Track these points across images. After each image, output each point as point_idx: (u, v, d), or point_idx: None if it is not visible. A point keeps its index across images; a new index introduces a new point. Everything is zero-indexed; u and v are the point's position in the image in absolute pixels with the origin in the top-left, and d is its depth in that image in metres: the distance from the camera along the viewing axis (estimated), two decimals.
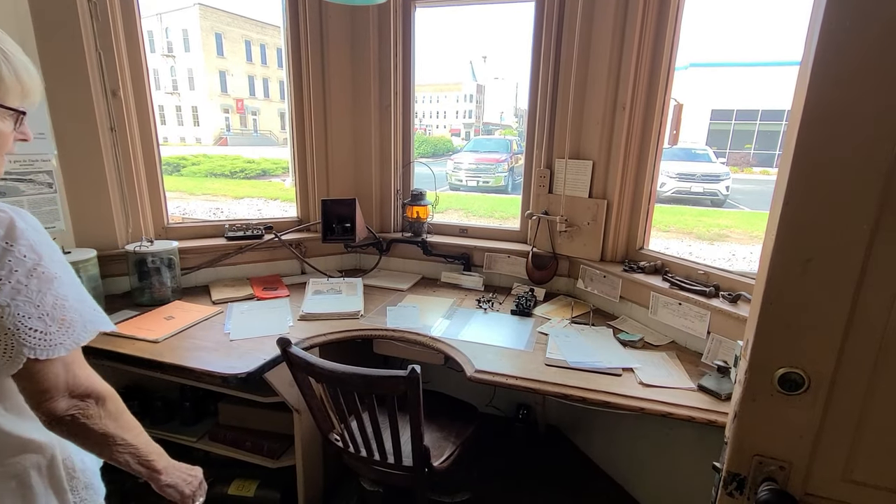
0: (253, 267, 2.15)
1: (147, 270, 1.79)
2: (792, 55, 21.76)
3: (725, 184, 11.15)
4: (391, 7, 2.06)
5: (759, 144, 18.97)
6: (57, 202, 1.69)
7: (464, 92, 42.60)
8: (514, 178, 12.45)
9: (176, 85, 29.51)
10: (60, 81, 1.65)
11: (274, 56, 31.59)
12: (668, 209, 10.26)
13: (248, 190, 12.00)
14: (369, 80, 2.15)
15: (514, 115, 43.96)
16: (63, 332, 0.69)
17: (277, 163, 15.67)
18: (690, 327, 1.56)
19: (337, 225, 2.07)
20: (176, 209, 9.49)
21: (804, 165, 0.65)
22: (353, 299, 1.89)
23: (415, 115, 2.33)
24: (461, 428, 1.54)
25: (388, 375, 1.06)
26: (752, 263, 6.71)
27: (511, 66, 58.05)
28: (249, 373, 1.34)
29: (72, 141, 1.71)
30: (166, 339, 1.52)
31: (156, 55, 28.84)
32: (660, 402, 1.25)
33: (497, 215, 9.63)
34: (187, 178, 14.02)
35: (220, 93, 29.99)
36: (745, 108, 18.38)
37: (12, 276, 0.66)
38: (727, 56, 20.66)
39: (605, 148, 1.85)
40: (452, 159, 13.07)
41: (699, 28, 11.40)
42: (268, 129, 32.73)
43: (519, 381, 1.35)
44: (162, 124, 29.88)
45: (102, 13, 1.67)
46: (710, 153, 12.33)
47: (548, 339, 1.62)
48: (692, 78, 17.83)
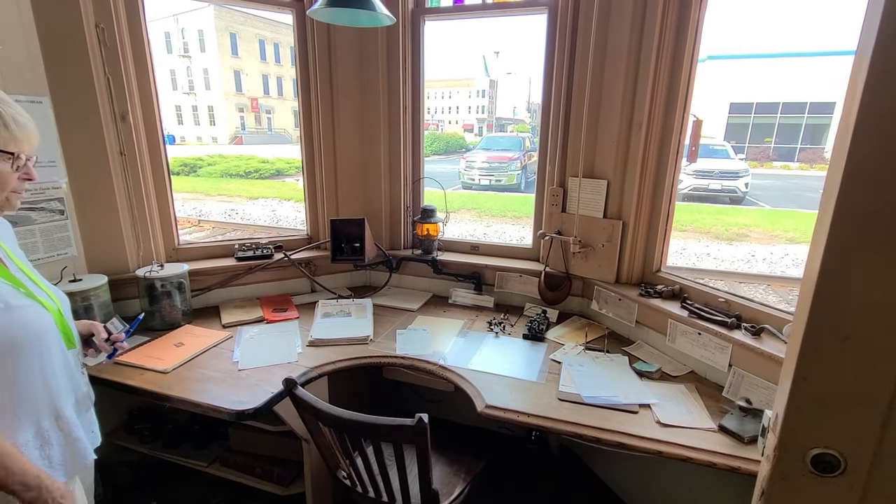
0: (263, 286, 2.14)
1: (157, 295, 1.79)
2: (816, 45, 21.07)
3: (744, 180, 10.87)
4: (400, 21, 2.02)
5: (780, 138, 18.47)
6: (68, 228, 1.70)
7: (476, 87, 42.31)
8: (527, 176, 12.33)
9: (192, 85, 29.91)
10: (70, 107, 1.65)
11: (287, 54, 31.75)
12: (684, 207, 10.04)
13: (262, 190, 12.11)
14: (378, 96, 2.12)
15: (526, 109, 43.54)
16: None
17: (291, 162, 15.78)
18: (711, 359, 1.50)
19: (346, 245, 2.05)
20: (192, 210, 9.63)
21: (844, 235, 0.60)
22: (362, 322, 1.86)
23: (424, 126, 2.28)
24: (471, 462, 1.51)
25: (394, 425, 1.03)
26: (772, 265, 6.52)
27: (524, 60, 57.34)
28: (257, 408, 1.32)
29: (82, 167, 1.71)
30: (175, 368, 1.52)
31: (172, 56, 29.25)
32: (678, 444, 1.20)
33: (510, 215, 9.54)
34: (204, 178, 14.21)
35: (235, 92, 30.32)
36: (766, 101, 17.90)
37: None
38: (747, 47, 20.07)
39: (621, 167, 1.79)
40: (465, 157, 13.00)
41: (717, 19, 11.13)
42: (282, 128, 33.02)
43: (531, 419, 1.31)
44: (179, 124, 30.39)
45: (110, 38, 1.67)
46: (729, 149, 12.04)
47: (561, 368, 1.57)
48: (710, 71, 17.40)
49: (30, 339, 0.91)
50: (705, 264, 6.38)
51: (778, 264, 6.55)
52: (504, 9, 1.99)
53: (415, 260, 2.22)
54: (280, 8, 2.02)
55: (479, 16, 2.09)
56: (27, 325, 0.91)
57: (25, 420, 0.91)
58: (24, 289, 0.94)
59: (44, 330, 0.94)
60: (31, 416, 0.92)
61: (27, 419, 0.91)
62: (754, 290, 5.44)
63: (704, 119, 6.14)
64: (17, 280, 0.94)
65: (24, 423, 0.91)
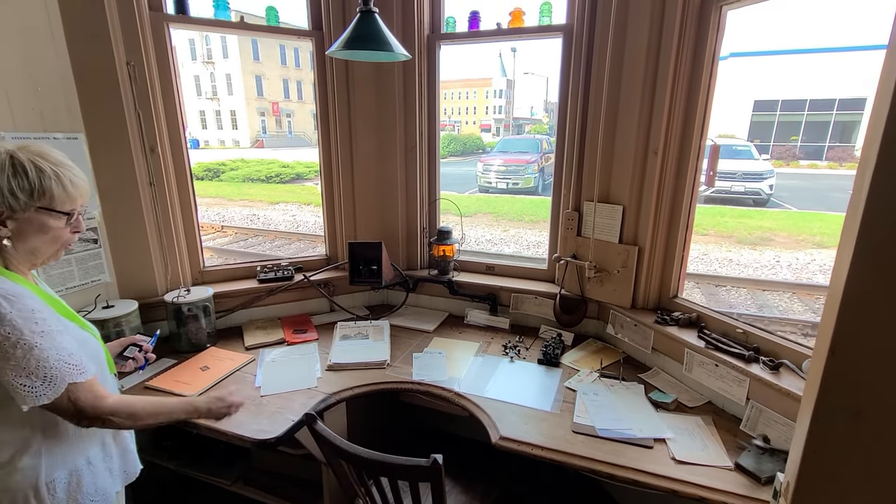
0: (284, 307, 2.20)
1: (184, 318, 1.86)
2: (846, 40, 20.34)
3: (769, 182, 10.58)
4: (416, 48, 2.06)
5: (807, 136, 17.91)
6: (102, 256, 1.79)
7: (493, 87, 42.19)
8: (544, 179, 12.26)
9: (215, 90, 30.63)
10: (103, 141, 1.73)
11: (307, 58, 32.18)
12: (706, 210, 9.84)
13: (282, 195, 12.35)
14: (395, 120, 2.16)
15: (544, 109, 43.19)
16: (47, 385, 0.88)
17: (310, 166, 16.04)
18: (728, 391, 1.49)
19: (364, 267, 2.10)
20: (216, 216, 9.89)
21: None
22: (379, 346, 1.90)
23: (440, 129, 2.32)
24: (488, 487, 1.53)
25: (409, 465, 1.06)
26: (797, 271, 6.34)
27: (542, 58, 56.86)
28: (278, 437, 1.38)
29: (114, 197, 1.80)
30: (201, 394, 1.58)
31: (197, 62, 29.98)
32: (693, 483, 1.20)
33: (527, 218, 9.51)
34: (226, 183, 14.57)
35: (257, 96, 30.91)
36: (792, 98, 17.37)
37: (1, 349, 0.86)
38: (772, 44, 19.49)
39: (637, 193, 1.78)
40: (482, 160, 13.00)
41: (740, 16, 10.86)
42: (301, 131, 33.53)
43: (545, 452, 1.32)
44: (203, 129, 31.13)
45: (140, 75, 1.74)
46: (753, 149, 11.71)
47: (576, 396, 1.58)
48: (733, 68, 16.98)
49: (98, 368, 1.04)
50: (727, 270, 6.26)
51: (804, 270, 6.37)
52: (519, 33, 2.01)
53: (431, 281, 2.25)
54: (300, 37, 2.08)
55: (494, 40, 2.11)
56: (96, 355, 1.05)
57: (95, 437, 1.06)
58: (78, 321, 1.05)
59: (102, 358, 1.08)
60: (98, 433, 1.07)
61: (96, 437, 1.06)
62: (779, 297, 5.31)
63: (726, 117, 5.97)
64: (69, 311, 1.05)
65: (94, 440, 1.06)
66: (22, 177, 0.89)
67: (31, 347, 0.87)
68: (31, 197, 0.90)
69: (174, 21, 1.82)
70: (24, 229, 0.93)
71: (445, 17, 2.11)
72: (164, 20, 1.80)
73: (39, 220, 0.93)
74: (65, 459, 0.98)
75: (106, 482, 1.06)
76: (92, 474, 1.03)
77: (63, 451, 0.98)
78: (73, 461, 0.99)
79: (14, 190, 0.89)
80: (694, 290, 5.47)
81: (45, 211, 0.93)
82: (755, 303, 5.15)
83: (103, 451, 1.08)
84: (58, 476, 0.97)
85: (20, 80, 1.50)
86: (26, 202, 0.90)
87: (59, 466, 0.97)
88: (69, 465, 0.99)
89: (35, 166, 0.91)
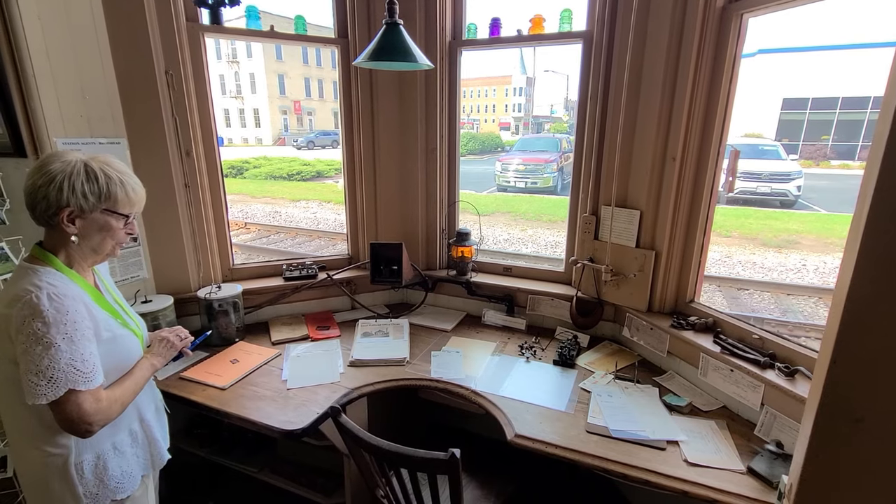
0: (307, 304, 2.29)
1: (215, 313, 1.96)
2: (880, 36, 19.56)
3: (797, 183, 10.28)
4: (438, 54, 2.11)
5: (838, 135, 17.30)
6: (141, 254, 1.90)
7: (513, 85, 41.93)
8: (563, 178, 12.18)
9: (239, 89, 31.28)
10: (142, 146, 1.84)
11: (328, 57, 32.58)
12: (729, 211, 9.63)
13: (304, 192, 12.58)
14: (416, 124, 2.22)
15: (564, 107, 42.73)
16: (49, 386, 0.93)
17: (331, 164, 16.29)
18: (743, 396, 1.50)
19: (384, 267, 2.17)
20: (239, 213, 10.15)
21: None
22: (399, 343, 1.97)
23: (460, 131, 2.36)
24: (502, 485, 1.59)
25: (428, 458, 1.12)
26: (825, 275, 6.18)
27: (562, 55, 56.41)
28: (304, 429, 1.45)
29: (153, 198, 1.86)
30: (231, 385, 1.67)
31: (221, 62, 30.65)
32: (705, 485, 1.23)
33: (545, 218, 9.49)
34: (249, 180, 14.91)
35: (279, 95, 31.45)
36: (823, 96, 16.80)
37: (25, 341, 0.93)
38: (802, 40, 18.90)
39: (654, 198, 1.80)
40: (501, 160, 12.98)
41: (768, 14, 10.43)
42: (322, 129, 33.94)
43: (559, 451, 1.37)
44: (227, 127, 31.83)
45: (178, 83, 1.84)
46: (780, 149, 11.39)
47: (590, 397, 1.62)
48: (760, 66, 16.51)
49: (130, 363, 1.14)
50: (750, 273, 6.13)
51: (832, 275, 6.20)
52: (539, 40, 2.04)
53: (449, 281, 2.31)
54: (327, 45, 2.15)
55: (514, 46, 2.15)
56: (129, 351, 1.15)
57: (123, 424, 1.15)
58: (119, 319, 1.14)
59: (136, 354, 1.17)
60: (126, 420, 1.16)
61: (124, 423, 1.15)
62: (804, 302, 5.19)
63: (753, 116, 5.83)
64: (114, 310, 1.15)
65: (122, 426, 1.15)
66: (93, 182, 1.02)
67: (50, 347, 0.93)
68: (99, 199, 1.03)
69: (209, 31, 1.91)
70: (89, 227, 1.05)
71: (467, 24, 2.15)
72: (200, 30, 1.89)
73: (103, 219, 1.05)
74: (92, 444, 1.07)
75: (132, 466, 1.15)
76: (118, 458, 1.12)
77: (91, 437, 1.03)
78: (99, 446, 1.08)
79: (86, 192, 1.01)
80: (715, 293, 5.39)
81: (109, 212, 1.05)
82: (779, 307, 5.05)
83: (130, 437, 1.17)
84: (85, 458, 1.06)
85: (70, 89, 1.61)
86: (94, 203, 1.03)
87: (86, 450, 1.06)
88: (96, 449, 1.08)
89: (104, 173, 1.04)
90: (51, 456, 1.03)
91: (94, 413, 0.98)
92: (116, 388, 1.07)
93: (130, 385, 1.10)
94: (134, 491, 1.15)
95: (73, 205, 1.00)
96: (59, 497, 1.05)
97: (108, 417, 1.02)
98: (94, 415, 0.98)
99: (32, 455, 1.04)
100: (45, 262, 1.02)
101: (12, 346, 0.95)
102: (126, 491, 1.13)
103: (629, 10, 1.71)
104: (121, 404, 1.06)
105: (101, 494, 1.09)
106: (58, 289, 0.98)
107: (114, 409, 1.04)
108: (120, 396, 1.06)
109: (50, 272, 1.01)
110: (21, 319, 0.93)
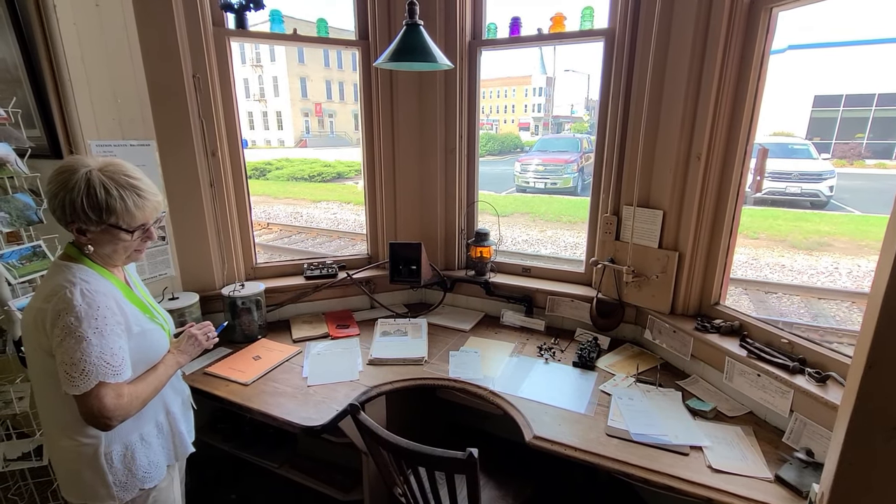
0: (328, 303, 2.32)
1: (239, 311, 2.01)
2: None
3: (828, 183, 9.90)
4: (458, 55, 2.11)
5: (874, 133, 16.59)
6: (168, 252, 1.96)
7: (533, 85, 41.62)
8: (583, 179, 12.02)
9: (263, 92, 31.93)
10: (170, 147, 1.90)
11: (348, 59, 32.97)
12: (758, 212, 9.34)
13: (324, 193, 12.76)
14: (435, 125, 2.22)
15: (585, 107, 42.20)
16: (81, 378, 0.97)
17: (351, 165, 16.47)
18: (770, 402, 1.45)
19: (403, 267, 2.18)
20: (262, 213, 10.35)
21: None
22: (418, 343, 1.98)
23: (480, 133, 2.36)
24: (520, 486, 1.57)
25: (446, 457, 1.12)
26: (858, 279, 5.93)
27: (583, 54, 55.68)
28: (323, 426, 1.47)
29: (179, 197, 1.96)
30: (254, 381, 1.71)
31: (245, 66, 31.36)
32: (730, 493, 1.20)
33: (564, 219, 9.38)
34: (272, 181, 15.20)
35: (301, 98, 31.98)
36: (857, 93, 16.14)
37: (60, 334, 0.97)
38: (835, 35, 18.11)
39: (678, 198, 1.77)
40: (520, 160, 12.90)
41: (799, 8, 9.97)
42: (343, 131, 34.37)
43: (578, 454, 1.35)
44: (251, 129, 32.53)
45: (204, 86, 1.89)
46: (811, 148, 10.99)
47: (610, 400, 1.59)
48: (791, 62, 15.97)
49: (157, 356, 1.18)
50: (779, 276, 5.94)
51: (865, 279, 5.95)
52: (560, 38, 2.02)
53: (468, 281, 2.31)
54: (348, 47, 2.18)
55: (535, 45, 2.14)
56: (158, 345, 1.19)
57: (149, 416, 1.19)
58: (149, 314, 1.18)
59: (164, 348, 1.21)
60: (152, 412, 1.20)
61: (150, 415, 1.19)
62: (836, 307, 5.00)
63: (782, 114, 5.64)
64: (144, 305, 1.19)
65: (148, 418, 1.19)
66: (92, 198, 1.01)
67: (81, 340, 0.97)
68: (100, 216, 1.03)
69: (234, 35, 1.96)
70: (100, 239, 1.07)
71: (487, 24, 2.15)
72: (226, 35, 1.94)
73: (112, 232, 1.06)
74: (120, 435, 1.11)
75: (159, 457, 1.19)
76: (145, 449, 1.16)
77: (119, 428, 1.08)
78: (127, 437, 1.13)
79: (86, 209, 1.01)
80: (742, 296, 5.24)
81: (114, 227, 1.05)
82: (809, 311, 4.87)
83: (157, 429, 1.20)
84: (114, 449, 1.11)
85: (104, 94, 1.67)
86: (97, 220, 1.03)
87: (115, 441, 1.11)
88: (124, 440, 1.12)
89: (105, 189, 1.02)
90: (82, 446, 1.08)
91: (113, 409, 1.00)
92: (139, 384, 1.09)
93: (153, 381, 1.13)
94: (160, 482, 1.19)
95: (77, 221, 1.03)
96: (91, 485, 1.10)
97: (127, 413, 1.04)
98: (114, 410, 1.01)
99: (65, 444, 1.08)
100: (78, 259, 1.07)
101: (48, 340, 0.99)
102: (153, 480, 1.17)
103: (653, 6, 1.68)
104: (141, 401, 1.08)
105: (130, 483, 1.13)
106: (90, 285, 1.02)
107: (133, 406, 1.06)
108: (141, 392, 1.08)
109: (83, 269, 1.05)
110: (56, 314, 0.97)
